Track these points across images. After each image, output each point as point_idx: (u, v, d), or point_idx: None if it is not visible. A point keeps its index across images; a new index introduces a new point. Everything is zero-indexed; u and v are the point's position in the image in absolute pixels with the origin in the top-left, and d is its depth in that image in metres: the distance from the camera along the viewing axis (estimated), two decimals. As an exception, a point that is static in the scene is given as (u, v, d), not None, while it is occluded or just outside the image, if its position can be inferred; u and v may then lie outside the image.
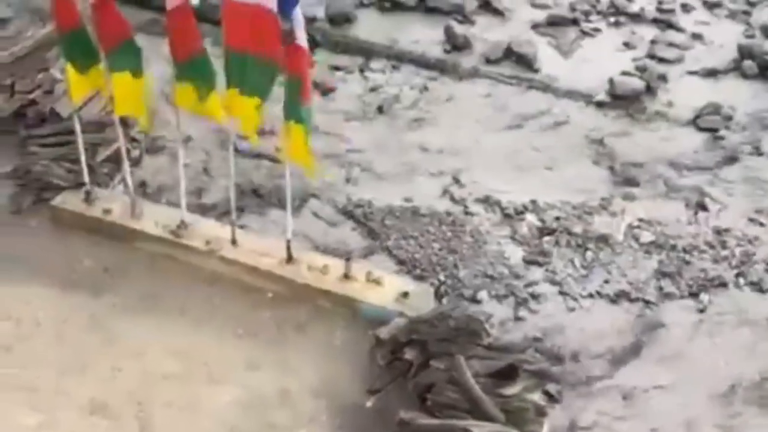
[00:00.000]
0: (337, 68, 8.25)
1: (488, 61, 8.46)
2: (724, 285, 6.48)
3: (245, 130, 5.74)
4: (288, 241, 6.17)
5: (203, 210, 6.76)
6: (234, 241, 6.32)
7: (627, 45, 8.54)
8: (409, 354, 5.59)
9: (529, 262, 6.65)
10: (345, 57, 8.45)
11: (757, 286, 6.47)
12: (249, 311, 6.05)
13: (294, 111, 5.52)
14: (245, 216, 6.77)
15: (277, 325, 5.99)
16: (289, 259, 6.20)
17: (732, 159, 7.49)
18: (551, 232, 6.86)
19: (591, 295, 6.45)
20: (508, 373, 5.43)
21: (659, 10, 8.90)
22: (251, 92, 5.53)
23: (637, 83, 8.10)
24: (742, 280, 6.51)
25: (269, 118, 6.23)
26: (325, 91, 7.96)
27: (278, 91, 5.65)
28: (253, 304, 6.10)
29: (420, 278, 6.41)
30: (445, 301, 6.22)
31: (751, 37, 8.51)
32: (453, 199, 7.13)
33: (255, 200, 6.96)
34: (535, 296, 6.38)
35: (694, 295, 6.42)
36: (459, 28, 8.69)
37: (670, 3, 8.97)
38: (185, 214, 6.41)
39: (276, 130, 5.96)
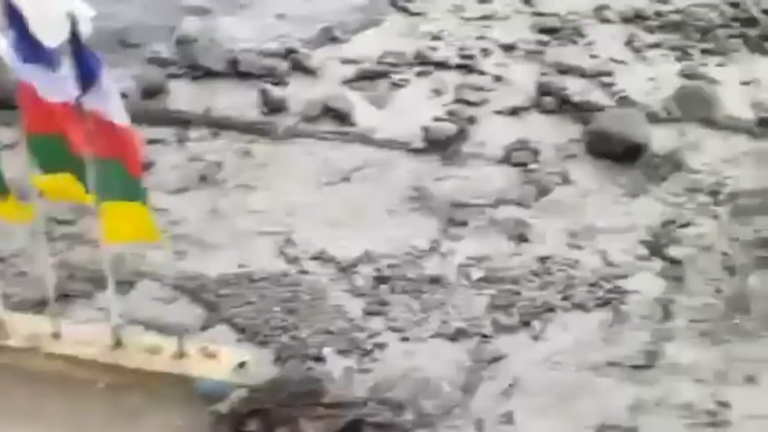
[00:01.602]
0: (153, 141, 8.17)
1: (306, 119, 8.62)
2: (552, 310, 6.81)
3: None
4: (115, 326, 6.03)
5: (21, 305, 6.49)
6: (57, 334, 6.10)
7: (436, 92, 8.91)
8: (252, 425, 5.56)
9: (369, 313, 6.78)
10: (161, 129, 8.41)
11: (581, 307, 6.84)
12: (78, 405, 5.83)
13: (119, 189, 5.45)
14: (70, 304, 6.56)
15: (110, 416, 5.80)
16: (118, 344, 6.05)
17: (545, 190, 7.91)
18: (387, 280, 7.03)
19: (431, 337, 6.63)
20: (353, 429, 5.50)
21: (461, 56, 9.33)
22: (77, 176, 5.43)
23: (450, 127, 8.46)
24: (568, 303, 6.86)
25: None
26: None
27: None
28: (82, 397, 5.89)
29: (262, 344, 6.41)
30: (289, 364, 6.24)
31: (546, 74, 9.05)
32: (287, 260, 7.19)
33: (79, 286, 6.76)
34: (378, 346, 6.50)
35: (526, 324, 6.72)
36: (274, 90, 8.82)
37: (471, 49, 9.43)
38: (0, 312, 6.14)
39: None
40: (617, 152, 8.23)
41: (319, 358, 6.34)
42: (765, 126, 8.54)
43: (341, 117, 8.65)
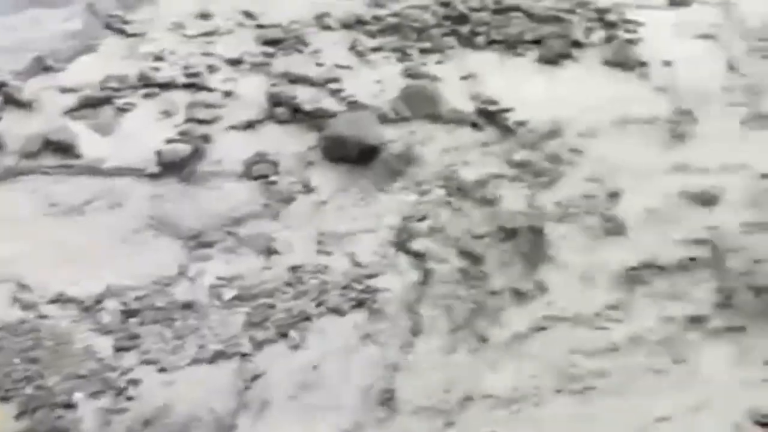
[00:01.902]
0: None
1: (26, 156, 8.09)
2: (308, 318, 6.80)
3: None
4: None
5: None
6: None
7: (165, 113, 8.66)
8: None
9: (119, 349, 6.46)
10: None
11: (336, 311, 6.88)
12: None
13: None
14: None
15: None
16: None
17: (288, 200, 7.90)
18: (135, 313, 6.73)
19: (189, 364, 6.42)
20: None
21: (187, 75, 9.14)
22: None
23: (184, 148, 8.25)
24: (323, 309, 6.88)
25: None
26: None
27: None
28: None
29: (5, 399, 5.94)
30: (36, 416, 5.81)
31: (276, 85, 9.04)
32: (23, 307, 6.71)
33: None
34: (132, 382, 6.21)
35: (284, 336, 6.66)
36: (-14, 129, 8.22)
37: (196, 67, 9.26)
38: None
39: None
40: (353, 155, 8.37)
41: (69, 405, 5.95)
42: (484, 116, 8.99)
43: (65, 149, 8.20)
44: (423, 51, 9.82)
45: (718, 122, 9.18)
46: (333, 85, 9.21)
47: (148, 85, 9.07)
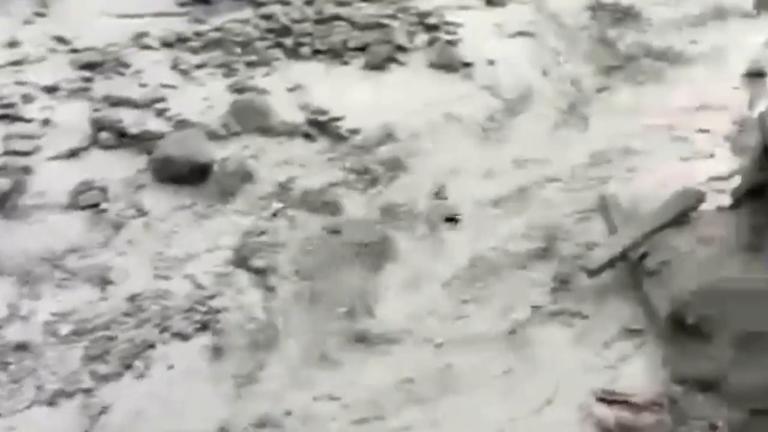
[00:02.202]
0: None
1: None
2: (152, 346, 6.60)
3: None
4: None
5: None
6: None
7: (-20, 148, 8.22)
8: None
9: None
10: None
11: (180, 336, 6.71)
12: None
13: None
14: None
15: None
16: None
17: (120, 226, 7.66)
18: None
19: (28, 407, 6.12)
20: None
21: (1, 106, 8.71)
22: None
23: (3, 182, 7.88)
24: (167, 335, 6.69)
25: None
26: None
27: None
28: None
29: None
30: None
31: (99, 110, 8.76)
32: None
33: None
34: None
35: (128, 367, 6.44)
36: None
37: (10, 97, 8.84)
38: None
39: None
40: (185, 175, 8.20)
41: None
42: (316, 126, 8.99)
43: None
44: (249, 64, 9.73)
45: (534, 121, 9.55)
46: (158, 105, 8.98)
47: (-42, 119, 8.61)
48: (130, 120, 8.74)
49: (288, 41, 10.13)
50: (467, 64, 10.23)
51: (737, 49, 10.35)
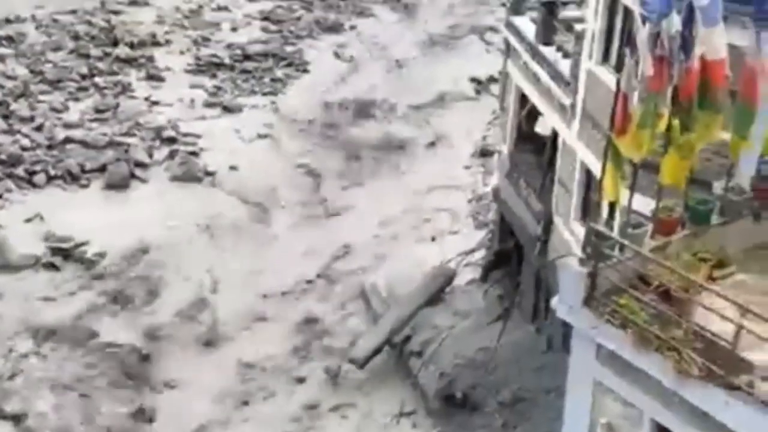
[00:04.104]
0: None
1: None
2: None
3: None
4: None
5: None
6: None
7: None
8: None
9: None
10: None
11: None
12: None
13: None
14: None
15: None
16: None
17: None
18: None
19: None
20: None
21: None
22: None
23: None
24: None
25: None
26: None
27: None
28: None
29: None
30: None
31: None
32: None
33: None
34: None
35: None
36: None
37: None
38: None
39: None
40: None
41: None
42: (60, 255, 8.62)
43: None
44: (-22, 201, 9.21)
45: (286, 217, 9.69)
46: None
47: None
48: None
49: (19, 170, 9.68)
50: (210, 173, 10.20)
51: (463, 131, 11.04)
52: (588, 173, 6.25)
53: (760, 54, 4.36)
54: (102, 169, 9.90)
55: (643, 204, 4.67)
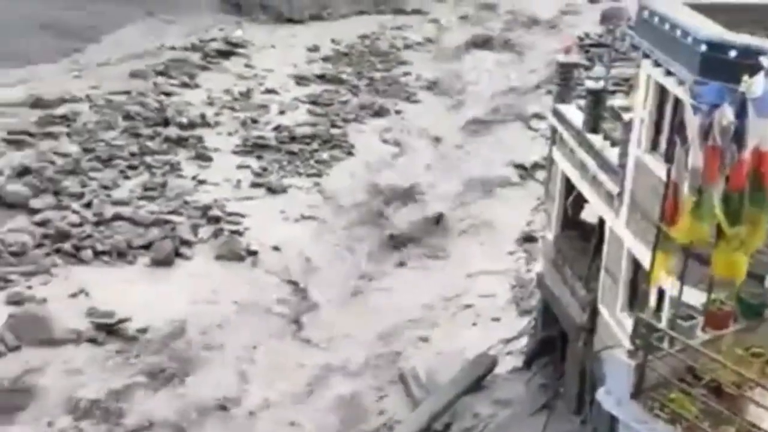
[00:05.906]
0: None
1: None
2: None
3: None
4: None
5: None
6: None
7: None
8: None
9: None
10: None
11: None
12: None
13: None
14: None
15: None
16: None
17: None
18: None
19: None
20: None
21: None
22: None
23: None
24: None
25: None
26: None
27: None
28: None
29: None
30: None
31: None
32: None
33: None
34: None
35: None
36: None
37: None
38: None
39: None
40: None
41: None
42: (103, 330, 8.67)
43: None
44: (25, 274, 9.31)
45: (326, 297, 9.65)
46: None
47: None
48: None
49: (66, 246, 9.81)
50: (252, 252, 10.27)
51: (506, 216, 11.02)
52: (635, 262, 6.19)
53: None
54: (148, 246, 10.03)
55: (693, 297, 4.61)
